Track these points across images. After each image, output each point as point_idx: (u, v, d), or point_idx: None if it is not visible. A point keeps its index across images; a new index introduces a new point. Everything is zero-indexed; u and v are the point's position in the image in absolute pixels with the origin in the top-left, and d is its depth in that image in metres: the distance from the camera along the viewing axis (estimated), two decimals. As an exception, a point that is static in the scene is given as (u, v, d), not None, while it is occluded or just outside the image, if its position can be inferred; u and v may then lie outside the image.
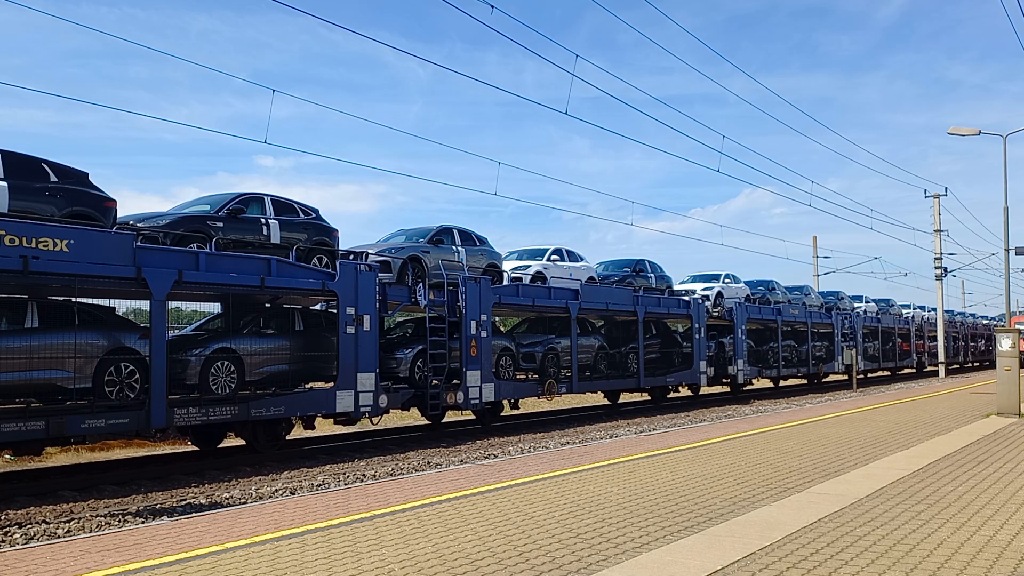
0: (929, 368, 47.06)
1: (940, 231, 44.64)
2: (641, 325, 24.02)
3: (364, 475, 13.30)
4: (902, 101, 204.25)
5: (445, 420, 19.16)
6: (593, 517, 5.97)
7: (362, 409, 15.32)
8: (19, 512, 11.08)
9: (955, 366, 51.17)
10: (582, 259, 25.50)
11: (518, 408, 21.41)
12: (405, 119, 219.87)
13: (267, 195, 16.18)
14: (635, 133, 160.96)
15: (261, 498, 10.03)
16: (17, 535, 9.77)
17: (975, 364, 56.61)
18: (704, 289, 32.12)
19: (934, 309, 48.44)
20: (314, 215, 17.02)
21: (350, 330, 15.53)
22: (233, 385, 13.83)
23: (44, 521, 10.63)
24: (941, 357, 43.03)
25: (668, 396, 26.90)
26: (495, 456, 13.40)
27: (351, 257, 17.43)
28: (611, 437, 14.86)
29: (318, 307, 18.98)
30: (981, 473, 8.03)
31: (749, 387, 31.03)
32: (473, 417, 19.65)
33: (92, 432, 12.25)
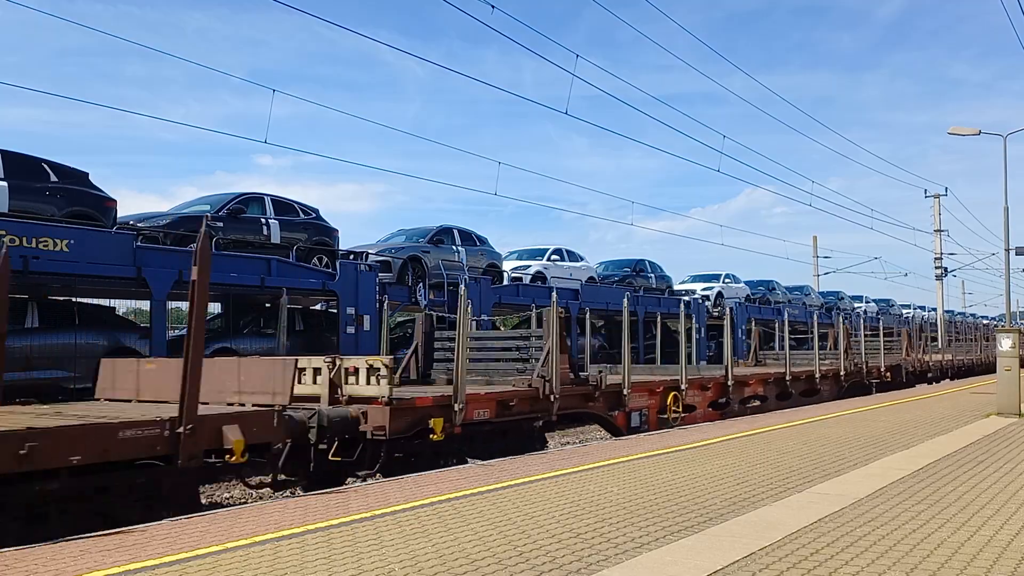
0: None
1: (940, 231, 44.67)
2: (641, 325, 24.04)
3: (364, 475, 13.31)
4: (903, 100, 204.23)
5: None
6: (593, 517, 5.97)
7: (362, 409, 15.30)
8: (19, 512, 11.07)
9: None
10: (582, 259, 25.52)
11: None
12: (404, 118, 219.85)
13: (267, 195, 16.20)
14: (635, 132, 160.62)
15: (261, 498, 10.04)
16: (17, 535, 9.75)
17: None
18: (704, 289, 32.16)
19: (934, 309, 48.46)
20: (314, 215, 17.02)
21: (350, 330, 15.54)
22: (233, 385, 13.82)
23: (44, 521, 10.62)
24: (941, 357, 42.98)
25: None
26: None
27: (351, 257, 17.45)
28: (611, 437, 14.85)
29: (318, 307, 18.99)
30: (981, 473, 8.03)
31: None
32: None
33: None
